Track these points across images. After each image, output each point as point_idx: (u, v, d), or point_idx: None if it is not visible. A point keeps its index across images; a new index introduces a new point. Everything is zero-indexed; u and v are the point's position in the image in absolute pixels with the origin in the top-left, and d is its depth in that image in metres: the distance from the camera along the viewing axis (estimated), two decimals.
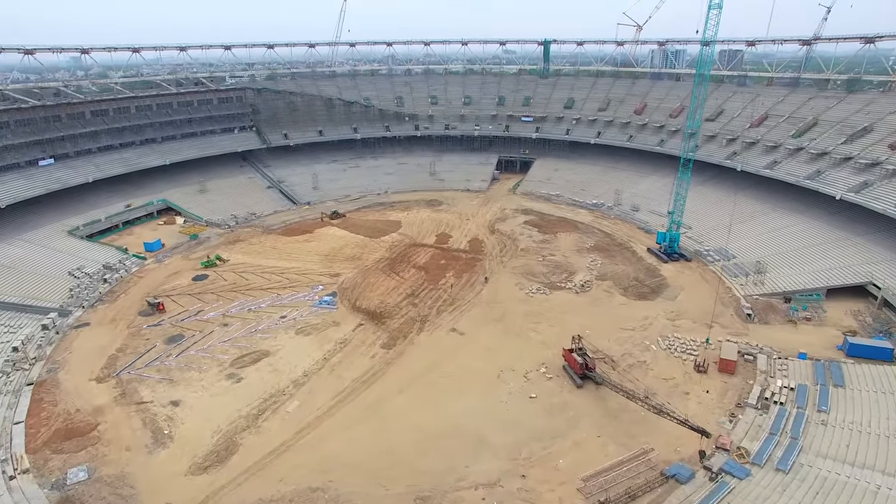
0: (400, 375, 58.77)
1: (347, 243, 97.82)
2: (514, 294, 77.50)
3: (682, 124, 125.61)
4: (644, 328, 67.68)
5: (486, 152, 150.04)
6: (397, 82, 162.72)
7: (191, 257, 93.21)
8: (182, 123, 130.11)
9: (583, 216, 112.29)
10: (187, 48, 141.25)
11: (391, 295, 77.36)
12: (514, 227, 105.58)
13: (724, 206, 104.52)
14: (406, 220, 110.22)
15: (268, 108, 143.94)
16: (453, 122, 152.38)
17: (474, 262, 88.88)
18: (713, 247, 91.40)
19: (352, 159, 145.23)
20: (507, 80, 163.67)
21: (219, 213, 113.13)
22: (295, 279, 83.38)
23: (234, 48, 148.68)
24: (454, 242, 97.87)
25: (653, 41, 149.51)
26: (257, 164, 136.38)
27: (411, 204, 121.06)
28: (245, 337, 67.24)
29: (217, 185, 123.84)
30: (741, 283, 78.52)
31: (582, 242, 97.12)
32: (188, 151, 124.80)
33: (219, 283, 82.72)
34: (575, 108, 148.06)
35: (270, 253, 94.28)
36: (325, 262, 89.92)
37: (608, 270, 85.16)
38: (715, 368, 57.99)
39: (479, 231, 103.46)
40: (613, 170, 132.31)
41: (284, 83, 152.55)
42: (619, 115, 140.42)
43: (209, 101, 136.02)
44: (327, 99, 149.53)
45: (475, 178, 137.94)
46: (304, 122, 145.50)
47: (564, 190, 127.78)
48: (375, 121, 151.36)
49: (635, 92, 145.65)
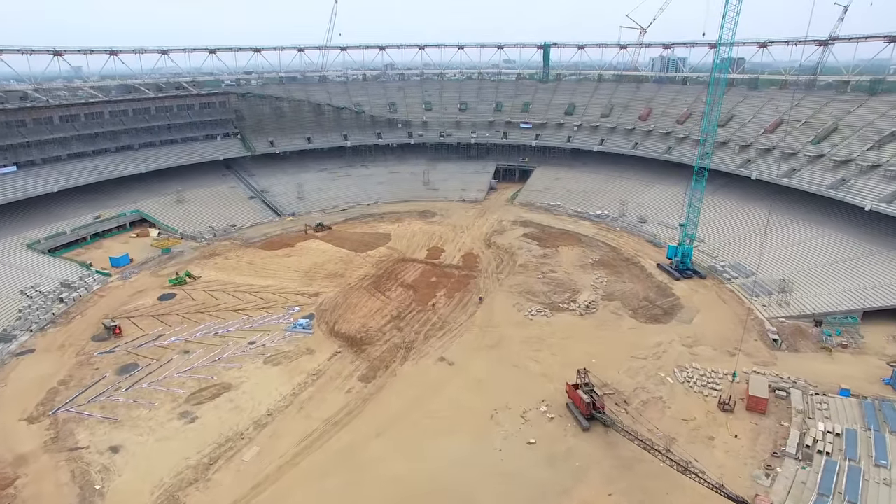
0: (378, 415, 50.88)
1: (331, 258, 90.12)
2: (511, 316, 69.72)
3: (691, 130, 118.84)
4: (658, 357, 59.84)
5: (483, 160, 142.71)
6: (390, 88, 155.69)
7: (160, 274, 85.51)
8: (161, 130, 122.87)
9: (586, 228, 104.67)
10: (169, 51, 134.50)
11: (374, 317, 69.56)
12: (512, 240, 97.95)
13: (737, 216, 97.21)
14: (396, 232, 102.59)
15: (253, 113, 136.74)
16: (448, 128, 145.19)
17: (468, 279, 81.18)
18: (729, 262, 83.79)
19: (341, 168, 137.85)
20: (505, 85, 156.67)
21: (196, 225, 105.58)
22: (270, 299, 75.62)
23: (219, 52, 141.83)
24: (447, 257, 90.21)
25: (657, 44, 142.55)
26: (241, 173, 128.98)
27: (402, 215, 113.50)
28: (207, 367, 59.38)
29: (196, 195, 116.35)
30: (763, 303, 70.75)
31: (586, 257, 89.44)
32: (166, 159, 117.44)
33: (186, 304, 74.96)
34: (576, 114, 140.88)
35: (246, 269, 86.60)
36: (305, 279, 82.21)
37: (615, 289, 77.43)
38: (742, 406, 50.16)
39: (475, 245, 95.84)
40: (617, 178, 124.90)
41: (272, 88, 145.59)
42: (622, 121, 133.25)
43: (190, 106, 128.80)
44: (316, 104, 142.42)
45: (471, 187, 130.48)
46: (292, 128, 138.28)
47: (566, 200, 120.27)
48: (367, 127, 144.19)
49: (639, 97, 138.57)
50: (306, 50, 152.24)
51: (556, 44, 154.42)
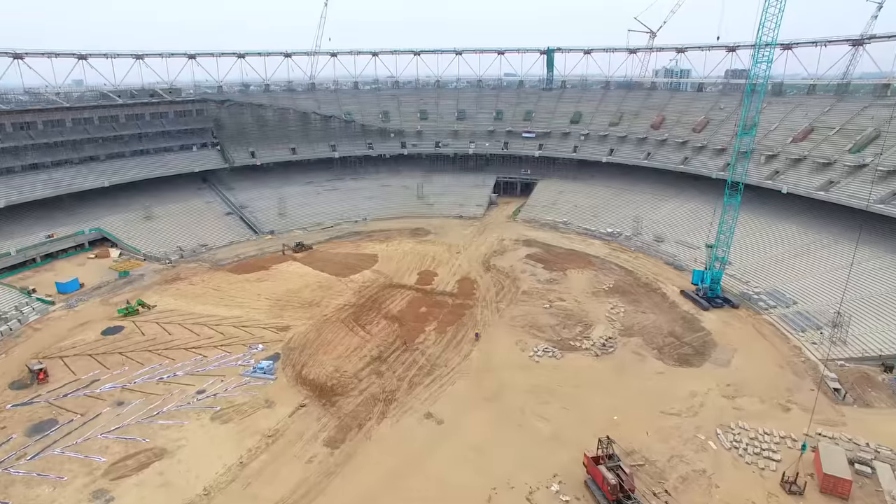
0: (345, 496, 39.70)
1: (308, 284, 79.22)
2: (513, 357, 58.63)
3: (709, 139, 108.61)
4: (694, 412, 48.68)
5: (482, 173, 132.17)
6: (383, 95, 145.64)
7: (111, 301, 74.66)
8: (131, 140, 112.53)
9: (597, 248, 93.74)
10: (144, 56, 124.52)
11: (350, 358, 58.50)
12: (514, 262, 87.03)
13: (768, 235, 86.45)
14: (384, 253, 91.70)
15: (234, 122, 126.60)
16: (445, 138, 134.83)
17: (463, 309, 70.19)
18: (764, 288, 72.89)
19: (328, 181, 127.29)
20: (506, 92, 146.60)
21: (163, 245, 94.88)
22: (231, 334, 64.64)
23: (199, 57, 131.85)
24: (440, 283, 79.25)
25: (669, 48, 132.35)
26: (218, 187, 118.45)
27: (393, 233, 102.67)
28: (141, 424, 48.32)
29: (167, 211, 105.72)
30: (813, 340, 59.65)
31: (598, 282, 78.49)
32: (134, 171, 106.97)
33: (133, 340, 64.00)
34: (583, 123, 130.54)
35: (211, 296, 75.73)
36: (276, 309, 71.26)
37: (635, 321, 66.36)
38: (813, 485, 38.93)
39: (472, 268, 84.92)
40: (629, 192, 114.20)
41: (256, 96, 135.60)
42: (633, 129, 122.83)
43: (164, 114, 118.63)
44: (302, 113, 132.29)
45: (469, 202, 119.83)
46: (276, 138, 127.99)
47: (573, 216, 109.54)
48: (357, 137, 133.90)
49: (651, 104, 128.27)
50: (293, 56, 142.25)
51: (561, 49, 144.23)
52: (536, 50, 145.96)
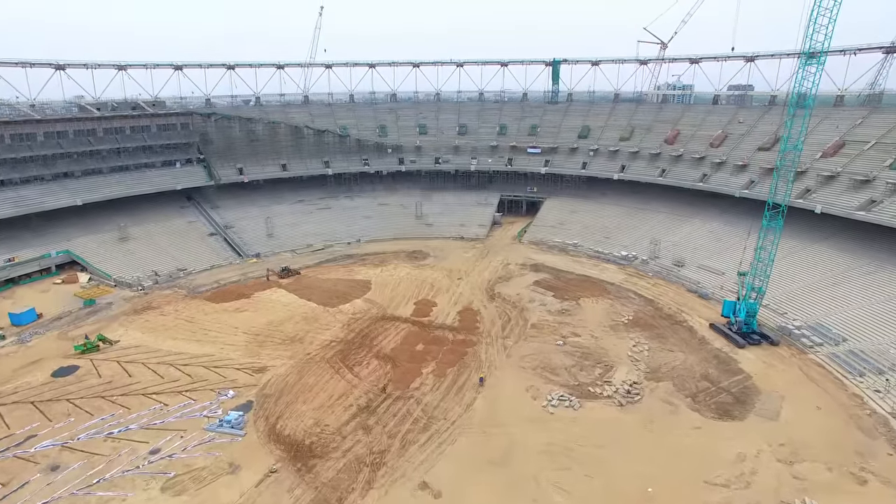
0: None
1: (292, 315, 71.01)
2: (524, 407, 50.23)
3: (729, 155, 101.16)
4: (745, 482, 40.15)
5: (486, 190, 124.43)
6: (380, 109, 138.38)
7: (70, 335, 66.47)
8: (109, 155, 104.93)
9: (611, 274, 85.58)
10: (127, 67, 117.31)
11: (334, 409, 50.13)
12: (521, 289, 78.84)
13: (802, 259, 78.41)
14: (378, 279, 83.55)
15: (221, 137, 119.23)
16: (445, 154, 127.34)
17: (465, 346, 61.88)
18: (805, 321, 64.67)
19: (321, 199, 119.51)
20: (509, 106, 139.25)
21: (137, 269, 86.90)
22: (200, 377, 56.36)
23: (186, 68, 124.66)
24: (439, 314, 70.98)
25: (682, 58, 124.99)
26: (203, 206, 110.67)
27: (388, 257, 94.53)
28: (74, 497, 39.95)
29: (145, 232, 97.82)
30: (875, 386, 51.24)
31: (616, 314, 70.25)
32: (110, 189, 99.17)
33: (87, 383, 55.72)
34: (591, 138, 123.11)
35: (183, 329, 67.53)
36: (254, 344, 63.03)
37: (662, 362, 58.01)
38: None
39: (475, 296, 76.71)
40: (643, 212, 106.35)
41: (245, 109, 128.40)
42: (645, 144, 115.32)
43: (146, 128, 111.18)
44: (294, 127, 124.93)
45: (471, 222, 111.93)
46: (265, 154, 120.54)
47: (584, 237, 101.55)
48: (352, 153, 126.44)
49: (664, 118, 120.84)
50: (286, 67, 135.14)
51: (567, 60, 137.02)
52: (541, 61, 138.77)
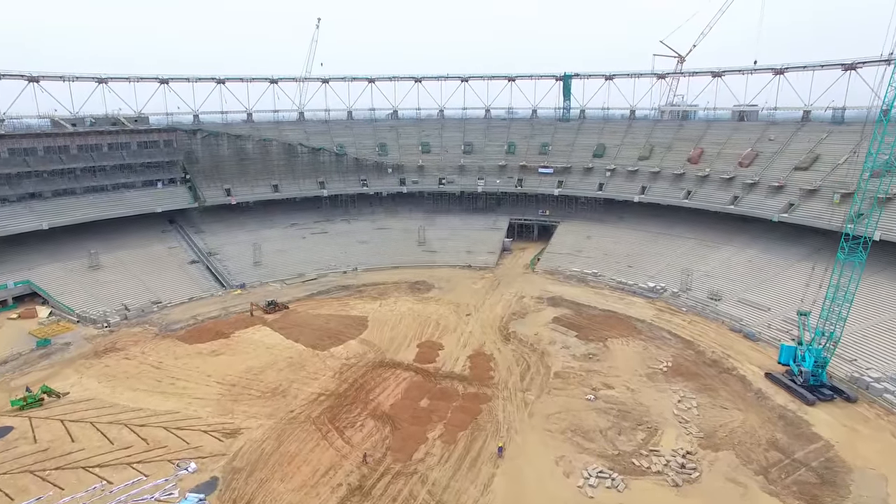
0: None
1: (275, 359, 61.23)
2: (555, 489, 40.20)
3: (761, 175, 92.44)
4: None
5: (494, 214, 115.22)
6: (380, 126, 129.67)
7: (13, 384, 56.74)
8: (83, 174, 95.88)
9: (639, 309, 75.93)
10: (108, 80, 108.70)
11: (319, 490, 40.12)
12: (539, 328, 69.15)
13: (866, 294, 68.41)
14: (376, 315, 73.84)
15: (208, 155, 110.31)
16: (450, 174, 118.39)
17: (478, 402, 52.04)
18: (884, 371, 54.82)
19: (316, 223, 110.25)
20: (518, 123, 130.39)
21: (105, 302, 77.50)
22: (158, 441, 46.46)
23: (172, 82, 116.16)
24: (446, 359, 61.18)
25: (704, 72, 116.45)
26: (186, 230, 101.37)
27: (388, 288, 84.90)
28: None
29: (120, 260, 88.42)
30: None
31: (652, 359, 60.47)
32: (82, 211, 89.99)
33: (17, 450, 45.85)
34: (607, 157, 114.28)
35: (147, 377, 57.74)
36: (228, 398, 53.22)
37: (716, 422, 48.16)
38: None
39: (486, 337, 66.97)
40: (667, 237, 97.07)
41: (236, 125, 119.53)
42: (667, 164, 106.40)
43: (125, 145, 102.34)
44: (287, 145, 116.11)
45: (479, 248, 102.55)
46: (256, 174, 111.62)
47: (604, 266, 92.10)
48: (349, 173, 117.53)
49: (685, 136, 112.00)
50: (280, 82, 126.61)
51: (579, 74, 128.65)
52: (551, 76, 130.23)
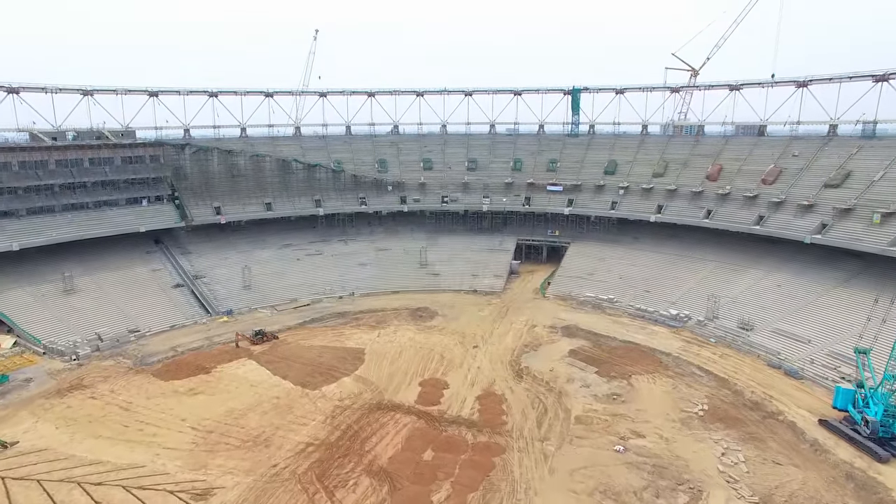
0: None
1: (260, 401, 54.31)
2: None
3: (787, 193, 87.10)
4: None
5: (500, 234, 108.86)
6: (380, 142, 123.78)
7: None
8: (62, 191, 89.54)
9: (663, 339, 69.11)
10: (93, 92, 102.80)
11: None
12: (554, 362, 62.30)
13: None
14: (374, 347, 66.98)
15: (197, 171, 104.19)
16: (453, 192, 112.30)
17: (490, 454, 45.03)
18: None
19: (312, 243, 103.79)
20: (524, 138, 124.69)
21: (77, 331, 70.81)
22: None
23: (162, 95, 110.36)
24: (452, 400, 54.26)
25: (721, 85, 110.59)
26: (172, 251, 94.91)
27: (387, 315, 78.14)
28: None
29: (97, 283, 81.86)
30: None
31: (684, 400, 53.56)
32: (58, 231, 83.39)
33: None
34: (619, 174, 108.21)
35: (112, 421, 50.83)
36: (202, 448, 46.24)
37: (770, 483, 41.13)
38: None
39: (496, 373, 60.10)
40: (687, 259, 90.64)
41: (229, 141, 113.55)
42: (683, 181, 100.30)
43: (109, 160, 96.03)
44: (281, 161, 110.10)
45: (485, 271, 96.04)
46: (248, 191, 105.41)
47: (620, 291, 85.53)
48: (347, 191, 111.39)
49: (701, 151, 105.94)
50: (276, 96, 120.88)
51: (588, 88, 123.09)
52: (559, 90, 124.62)
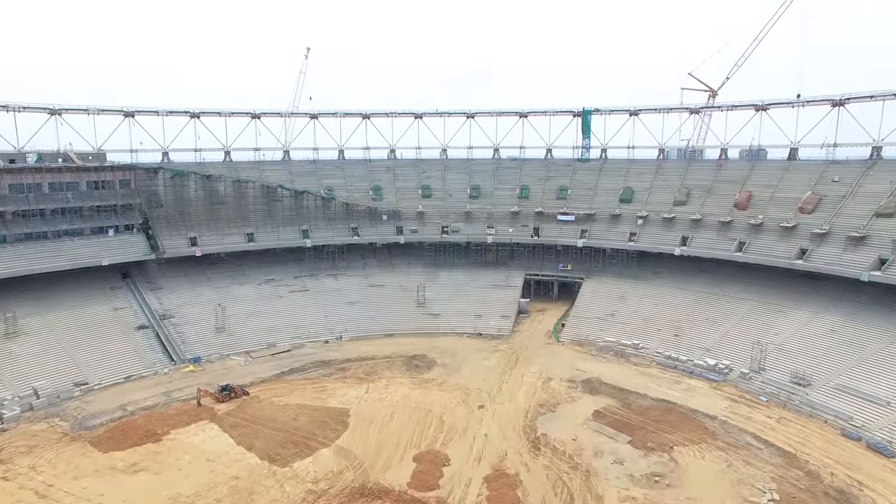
0: None
1: (216, 481, 43.43)
2: None
3: (832, 223, 77.54)
4: None
5: (506, 268, 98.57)
6: (375, 167, 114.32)
7: None
8: (16, 219, 79.79)
9: (703, 397, 58.34)
10: (62, 112, 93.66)
11: None
12: (577, 427, 51.55)
13: None
14: (360, 407, 56.15)
15: (172, 198, 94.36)
16: (454, 222, 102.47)
17: None
18: None
19: (297, 278, 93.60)
20: (531, 164, 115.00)
21: (11, 385, 60.30)
22: None
23: (139, 115, 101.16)
24: (454, 483, 43.37)
25: (746, 105, 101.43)
26: (140, 287, 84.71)
27: (379, 365, 67.37)
28: None
29: (47, 324, 71.45)
30: None
31: (743, 484, 42.72)
32: (6, 264, 73.49)
33: None
34: (637, 202, 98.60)
35: None
36: None
37: None
38: None
39: (508, 443, 49.29)
40: (717, 298, 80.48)
41: (212, 165, 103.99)
42: (709, 210, 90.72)
43: (73, 185, 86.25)
44: (265, 187, 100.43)
45: (490, 311, 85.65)
46: (228, 220, 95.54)
47: (645, 335, 75.11)
48: (338, 220, 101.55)
49: (727, 177, 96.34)
50: (263, 117, 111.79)
51: (599, 110, 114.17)
52: (568, 111, 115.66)
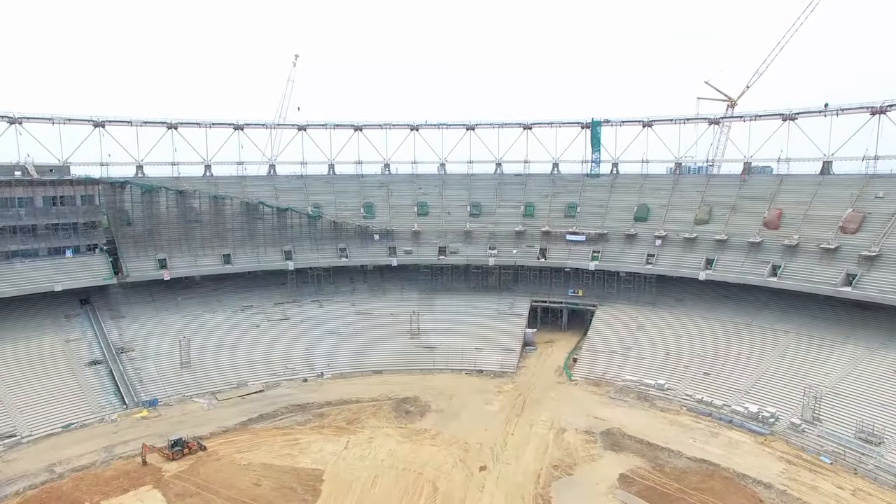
0: None
1: None
2: None
3: (882, 244, 67.87)
4: None
5: (510, 293, 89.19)
6: (368, 183, 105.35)
7: None
8: None
9: (750, 455, 48.51)
10: (22, 121, 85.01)
11: None
12: (599, 498, 41.81)
13: None
14: (337, 468, 46.35)
15: (141, 215, 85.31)
16: (453, 242, 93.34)
17: None
18: None
19: (277, 305, 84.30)
20: (535, 179, 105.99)
21: None
22: None
23: (110, 125, 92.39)
24: None
25: (773, 114, 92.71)
26: (100, 315, 75.49)
27: (363, 410, 57.55)
28: None
29: None
30: None
31: None
32: None
33: None
34: (653, 220, 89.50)
35: None
36: None
37: None
38: None
39: None
40: (751, 329, 71.11)
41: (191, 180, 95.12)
42: (735, 229, 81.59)
43: (27, 200, 77.44)
44: (245, 204, 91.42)
45: (492, 343, 76.19)
46: (204, 240, 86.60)
47: (670, 373, 65.51)
48: (325, 240, 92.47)
49: (752, 193, 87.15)
50: (247, 129, 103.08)
51: (609, 121, 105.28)
52: (576, 123, 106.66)
